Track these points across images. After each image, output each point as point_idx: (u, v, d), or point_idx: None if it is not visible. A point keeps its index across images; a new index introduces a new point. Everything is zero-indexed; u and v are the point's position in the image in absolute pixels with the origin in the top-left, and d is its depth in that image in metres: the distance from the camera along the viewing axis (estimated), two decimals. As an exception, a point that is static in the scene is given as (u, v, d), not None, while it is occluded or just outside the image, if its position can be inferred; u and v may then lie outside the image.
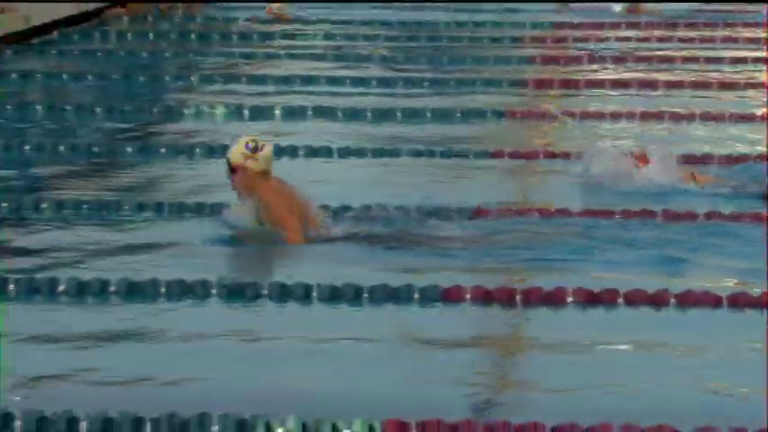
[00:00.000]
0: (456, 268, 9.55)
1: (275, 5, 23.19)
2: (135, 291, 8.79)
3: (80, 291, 8.89)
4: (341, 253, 9.80)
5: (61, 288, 8.89)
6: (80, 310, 8.70)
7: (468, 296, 8.73)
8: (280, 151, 12.24)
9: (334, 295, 8.72)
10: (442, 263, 9.68)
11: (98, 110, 14.89)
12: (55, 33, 20.43)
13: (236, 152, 9.83)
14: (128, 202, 11.02)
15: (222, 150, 11.82)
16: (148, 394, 7.20)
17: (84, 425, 6.59)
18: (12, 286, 8.92)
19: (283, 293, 8.69)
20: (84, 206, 10.96)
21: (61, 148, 13.00)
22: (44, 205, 10.91)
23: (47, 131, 13.96)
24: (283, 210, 9.85)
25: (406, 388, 7.27)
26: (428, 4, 24.24)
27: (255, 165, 9.79)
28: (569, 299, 8.70)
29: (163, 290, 8.75)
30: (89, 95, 16.16)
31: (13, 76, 17.09)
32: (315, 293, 8.70)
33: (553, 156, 13.19)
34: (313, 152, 12.93)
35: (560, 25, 22.71)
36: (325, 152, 12.94)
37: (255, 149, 9.78)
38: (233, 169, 9.82)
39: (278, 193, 9.92)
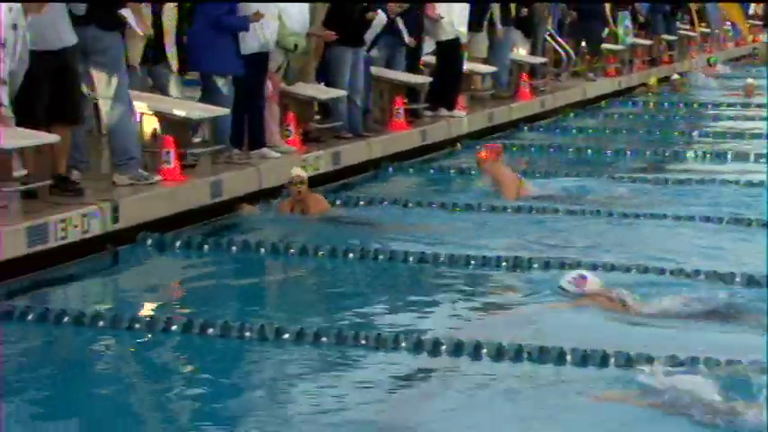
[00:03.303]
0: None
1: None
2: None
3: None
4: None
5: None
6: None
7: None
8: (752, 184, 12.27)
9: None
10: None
11: (628, 153, 14.94)
12: (602, 102, 20.93)
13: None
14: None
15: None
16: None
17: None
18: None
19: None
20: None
21: (606, 176, 12.87)
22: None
23: (590, 171, 13.46)
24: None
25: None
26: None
27: None
28: None
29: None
30: (621, 143, 15.97)
31: (573, 131, 17.32)
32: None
33: None
34: (752, 184, 12.26)
35: None
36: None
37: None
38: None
39: None
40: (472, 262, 8.85)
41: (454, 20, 15.30)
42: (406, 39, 14.43)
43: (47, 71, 8.82)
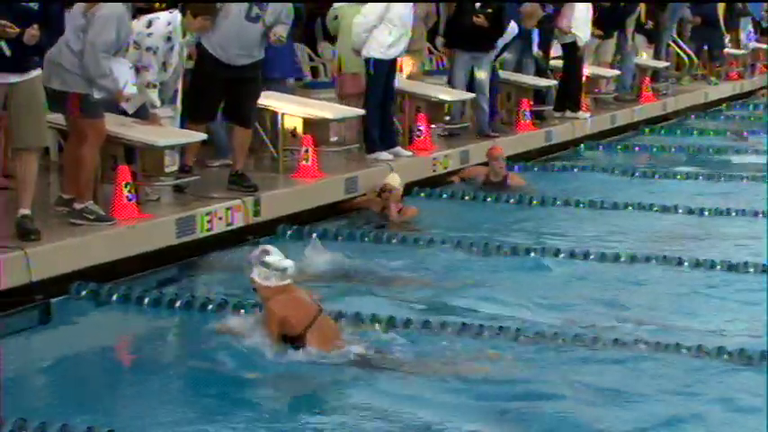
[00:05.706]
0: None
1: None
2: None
3: None
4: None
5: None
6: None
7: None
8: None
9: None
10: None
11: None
12: (722, 105, 20.52)
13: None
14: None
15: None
16: None
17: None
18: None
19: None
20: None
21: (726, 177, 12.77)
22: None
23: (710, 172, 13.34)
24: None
25: None
26: None
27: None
28: None
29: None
30: (743, 145, 15.65)
31: (694, 133, 16.93)
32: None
33: None
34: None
35: None
36: None
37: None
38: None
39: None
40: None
41: (573, 23, 15.17)
42: (535, 49, 14.46)
43: (224, 80, 9.39)
